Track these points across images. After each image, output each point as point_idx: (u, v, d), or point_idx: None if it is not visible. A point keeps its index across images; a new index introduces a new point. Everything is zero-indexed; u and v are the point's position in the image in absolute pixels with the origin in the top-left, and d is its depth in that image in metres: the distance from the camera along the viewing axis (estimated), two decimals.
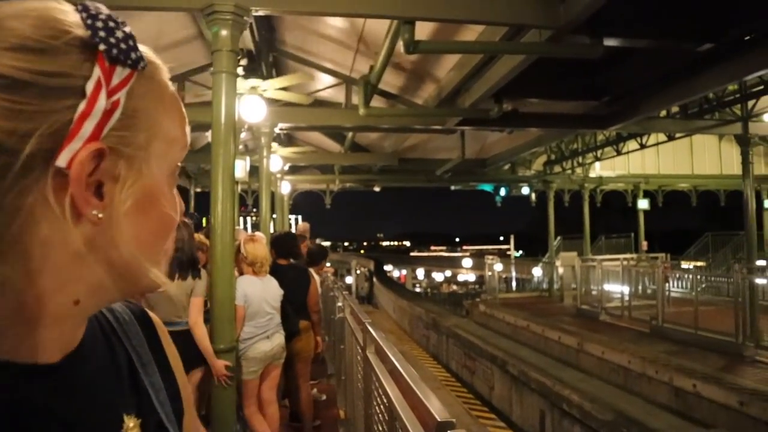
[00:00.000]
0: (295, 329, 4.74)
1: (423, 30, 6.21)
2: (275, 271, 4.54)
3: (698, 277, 11.38)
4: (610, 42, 5.87)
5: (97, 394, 0.56)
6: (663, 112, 10.88)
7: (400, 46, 5.65)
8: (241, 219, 19.92)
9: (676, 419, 7.14)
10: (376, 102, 9.11)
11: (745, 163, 11.23)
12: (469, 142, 13.04)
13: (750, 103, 10.72)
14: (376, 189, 19.49)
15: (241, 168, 7.43)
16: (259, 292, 4.25)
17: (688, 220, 51.90)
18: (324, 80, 9.93)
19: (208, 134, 4.74)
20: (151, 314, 0.74)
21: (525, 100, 9.02)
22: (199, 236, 4.48)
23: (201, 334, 3.79)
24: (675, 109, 10.85)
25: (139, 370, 0.64)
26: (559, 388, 8.64)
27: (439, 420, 1.48)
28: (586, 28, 5.49)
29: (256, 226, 16.45)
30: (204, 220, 5.90)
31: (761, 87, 9.59)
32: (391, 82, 9.14)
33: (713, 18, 6.23)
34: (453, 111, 8.87)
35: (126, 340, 0.65)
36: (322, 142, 15.02)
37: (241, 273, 4.35)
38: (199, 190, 17.08)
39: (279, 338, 4.33)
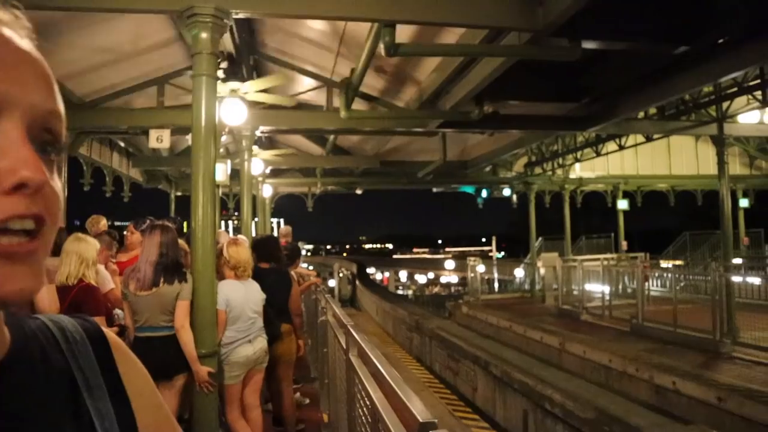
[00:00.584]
0: (276, 333, 4.71)
1: (404, 33, 6.23)
2: (256, 275, 4.51)
3: (677, 275, 11.54)
4: (588, 44, 5.94)
5: (10, 420, 0.50)
6: (641, 114, 11.02)
7: (381, 48, 5.66)
8: (223, 223, 19.74)
9: (657, 416, 7.23)
10: (358, 105, 9.11)
11: (721, 163, 11.42)
12: (450, 145, 13.07)
13: (725, 105, 10.91)
14: (358, 192, 19.47)
15: (222, 171, 7.37)
16: (242, 297, 4.21)
17: (666, 220, 52.54)
18: (305, 83, 9.91)
19: (189, 137, 4.71)
20: (109, 334, 0.66)
21: (505, 102, 9.07)
22: (180, 242, 4.43)
23: (187, 338, 3.70)
24: (652, 110, 11.02)
25: (84, 394, 0.58)
26: (541, 388, 8.70)
27: (421, 421, 1.49)
28: (565, 31, 5.55)
29: (237, 230, 16.35)
30: (185, 225, 5.83)
31: (735, 89, 9.78)
32: (372, 84, 9.15)
33: (689, 22, 6.35)
34: (434, 113, 8.90)
35: (73, 361, 0.59)
36: (304, 145, 14.96)
37: (222, 277, 4.31)
38: (179, 193, 16.92)
39: (261, 342, 4.29)
